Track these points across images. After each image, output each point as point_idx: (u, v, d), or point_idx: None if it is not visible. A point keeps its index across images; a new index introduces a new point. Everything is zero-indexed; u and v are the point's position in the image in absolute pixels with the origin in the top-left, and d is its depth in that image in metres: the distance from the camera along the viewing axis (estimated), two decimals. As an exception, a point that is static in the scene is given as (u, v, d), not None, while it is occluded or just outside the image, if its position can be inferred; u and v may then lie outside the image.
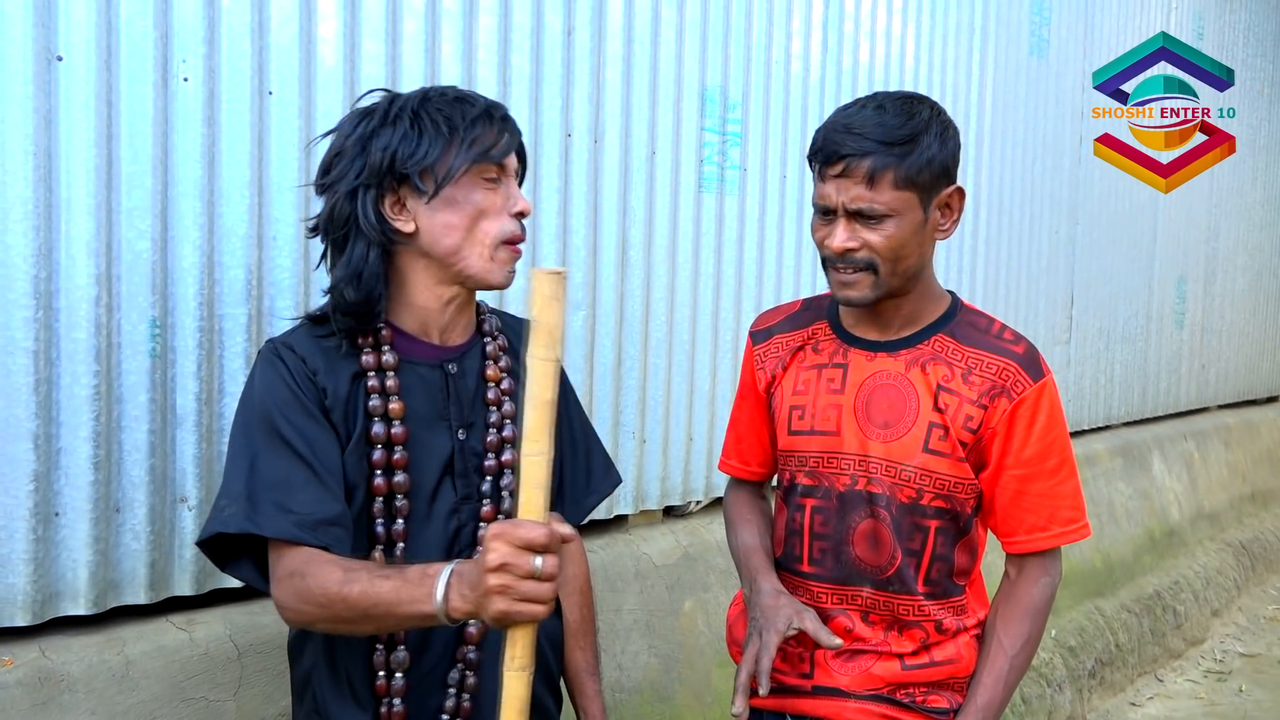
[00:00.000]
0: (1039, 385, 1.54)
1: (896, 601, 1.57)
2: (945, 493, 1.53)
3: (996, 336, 1.57)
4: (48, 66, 1.62)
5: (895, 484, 1.53)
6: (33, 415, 1.64)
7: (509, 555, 1.10)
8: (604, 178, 2.50)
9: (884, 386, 1.55)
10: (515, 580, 1.10)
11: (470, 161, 1.36)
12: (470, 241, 1.38)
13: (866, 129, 1.44)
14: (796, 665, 1.61)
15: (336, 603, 1.24)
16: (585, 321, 2.48)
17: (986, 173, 3.94)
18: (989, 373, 1.52)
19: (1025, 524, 1.55)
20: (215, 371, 1.84)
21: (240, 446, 1.34)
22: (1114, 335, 4.94)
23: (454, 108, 1.37)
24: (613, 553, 2.57)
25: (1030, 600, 1.56)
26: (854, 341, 1.60)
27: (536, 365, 1.11)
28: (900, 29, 3.44)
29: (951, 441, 1.52)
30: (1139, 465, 5.06)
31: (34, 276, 1.62)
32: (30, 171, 1.61)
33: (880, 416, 1.55)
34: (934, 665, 1.57)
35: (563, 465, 1.60)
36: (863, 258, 1.48)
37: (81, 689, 1.67)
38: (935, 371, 1.54)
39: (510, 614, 1.11)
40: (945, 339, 1.56)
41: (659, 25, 2.60)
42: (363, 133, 1.36)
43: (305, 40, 1.91)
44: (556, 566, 1.12)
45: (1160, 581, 4.76)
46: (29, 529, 1.65)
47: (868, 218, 1.46)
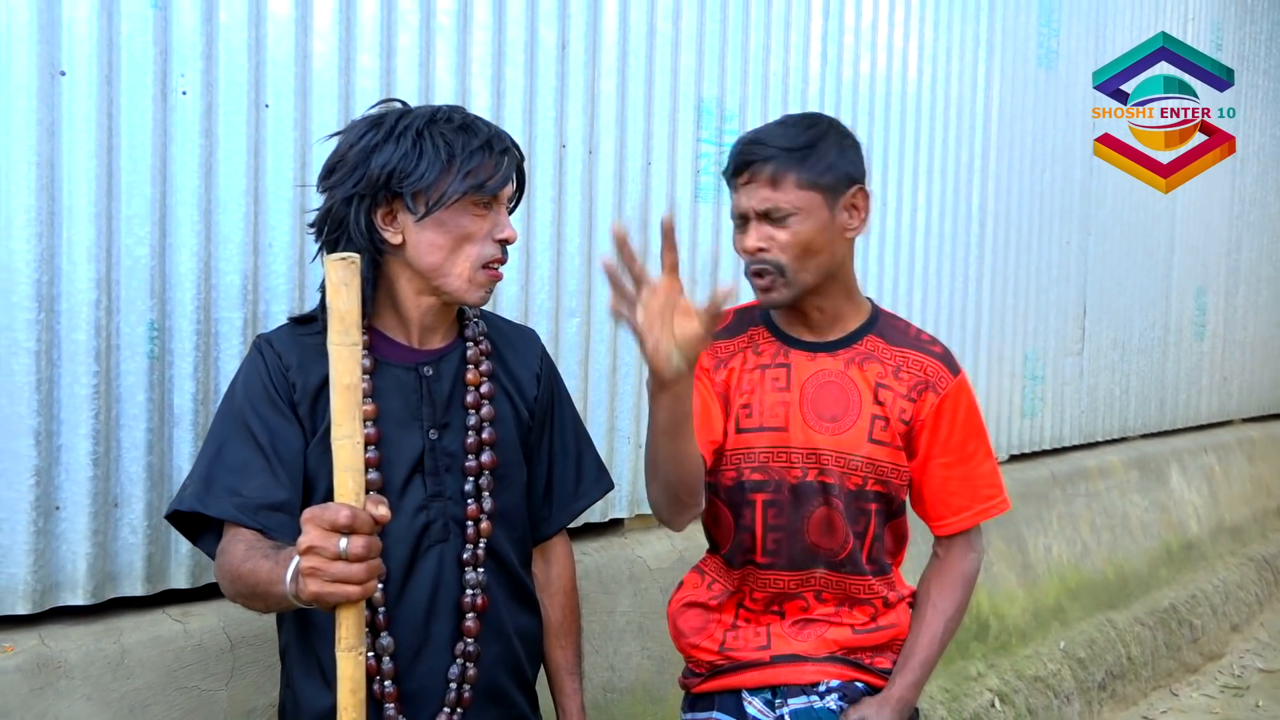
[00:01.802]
0: (958, 380, 1.70)
1: (849, 581, 1.69)
2: (884, 478, 1.67)
3: (915, 338, 1.73)
4: (51, 81, 1.71)
5: (844, 473, 1.65)
6: (34, 413, 1.72)
7: (316, 538, 1.11)
8: (599, 188, 2.56)
9: (828, 384, 1.66)
10: (324, 562, 1.11)
11: (463, 192, 1.41)
12: (452, 262, 1.44)
13: (769, 139, 1.58)
14: (753, 641, 1.70)
15: (235, 579, 1.31)
16: (580, 329, 2.54)
17: (994, 184, 3.95)
18: (915, 370, 1.68)
19: (951, 507, 1.71)
20: (211, 373, 1.91)
21: (214, 433, 1.43)
22: (1129, 346, 4.92)
23: (457, 135, 1.42)
24: (607, 555, 2.62)
25: (960, 572, 1.72)
26: (794, 343, 1.70)
27: (333, 350, 1.12)
28: (902, 41, 3.47)
29: (891, 431, 1.66)
30: (1156, 478, 5.02)
31: (36, 280, 1.70)
32: (34, 180, 1.69)
33: (828, 411, 1.65)
34: (879, 630, 1.72)
35: (552, 468, 1.65)
36: (772, 259, 1.59)
37: (79, 676, 1.74)
38: (870, 369, 1.67)
39: (323, 595, 1.12)
40: (875, 339, 1.70)
41: (654, 38, 2.66)
42: (367, 144, 1.42)
43: (301, 55, 1.99)
44: (365, 548, 1.11)
45: (1176, 595, 4.72)
46: (30, 522, 1.73)
47: (775, 219, 1.57)
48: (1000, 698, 3.53)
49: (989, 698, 3.50)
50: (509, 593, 1.56)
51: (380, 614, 1.44)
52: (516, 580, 1.57)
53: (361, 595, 1.13)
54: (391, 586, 1.45)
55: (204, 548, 1.45)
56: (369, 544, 1.12)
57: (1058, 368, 4.42)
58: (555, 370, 1.70)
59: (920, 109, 3.58)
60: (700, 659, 1.75)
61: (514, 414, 1.57)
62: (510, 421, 1.56)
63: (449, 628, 1.48)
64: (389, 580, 1.44)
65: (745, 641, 1.71)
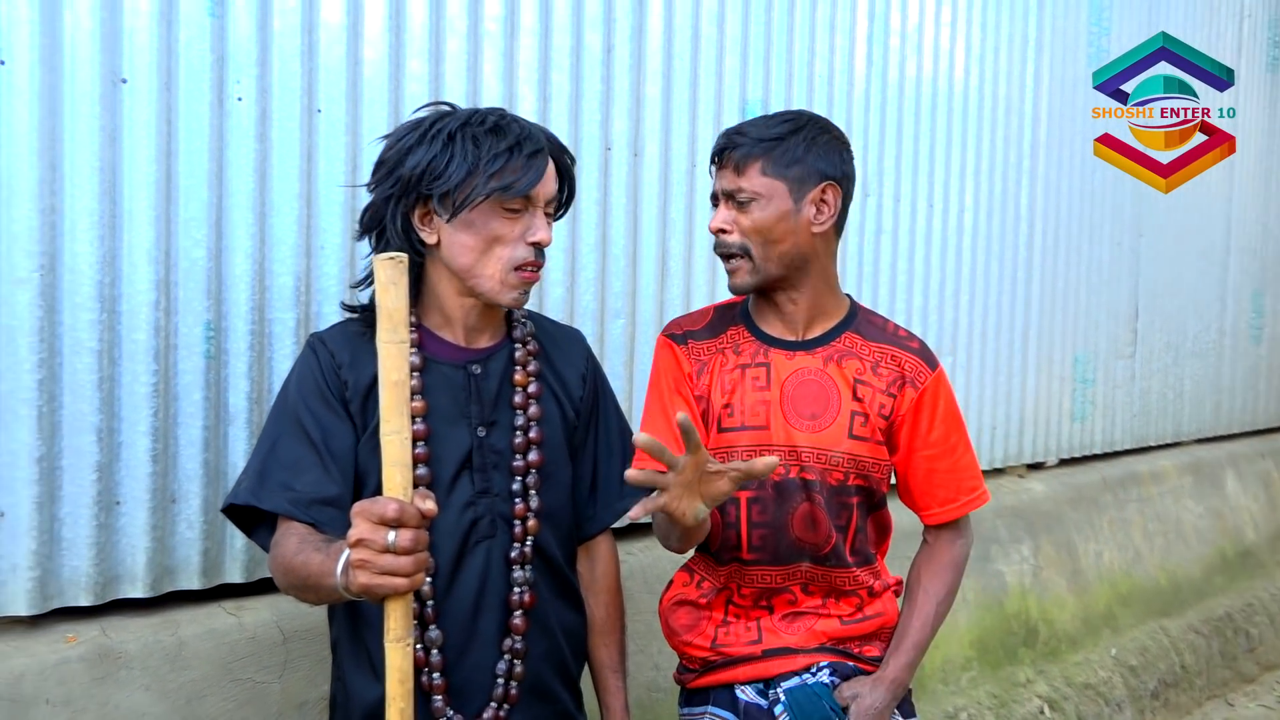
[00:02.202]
0: (936, 374, 1.74)
1: (834, 574, 1.73)
2: (864, 473, 1.71)
3: (893, 334, 1.76)
4: (113, 89, 1.76)
5: (825, 469, 1.68)
6: (97, 410, 1.77)
7: (365, 531, 1.14)
8: (643, 190, 2.58)
9: (807, 382, 1.70)
10: (373, 555, 1.14)
11: (486, 194, 1.43)
12: (483, 264, 1.46)
13: (747, 128, 1.65)
14: (744, 636, 1.73)
15: (288, 572, 1.35)
16: (625, 330, 2.56)
17: (1042, 184, 3.91)
18: (893, 365, 1.72)
19: (937, 498, 1.75)
20: (265, 372, 1.96)
21: (268, 429, 1.47)
22: (1183, 349, 4.83)
23: (486, 137, 1.44)
24: (652, 556, 2.63)
25: (949, 557, 1.77)
26: (772, 342, 1.73)
27: (382, 348, 1.15)
28: (949, 43, 3.45)
29: (871, 426, 1.70)
30: (1211, 483, 4.93)
31: (99, 282, 1.76)
32: (96, 185, 1.75)
33: (807, 409, 1.69)
34: (866, 619, 1.76)
35: (597, 467, 1.67)
36: (735, 241, 1.65)
37: (138, 666, 1.79)
38: (849, 366, 1.71)
39: (371, 587, 1.15)
40: (853, 336, 1.74)
41: (699, 41, 2.67)
42: (405, 145, 1.46)
43: (352, 61, 2.03)
44: (413, 541, 1.14)
45: (1232, 603, 4.62)
46: (92, 516, 1.78)
47: (739, 202, 1.63)
48: (1050, 704, 3.49)
49: (1038, 704, 3.45)
50: (555, 590, 1.58)
51: (429, 607, 1.46)
52: (562, 578, 1.59)
53: (409, 587, 1.16)
54: (440, 580, 1.47)
55: (258, 540, 1.49)
56: (416, 537, 1.15)
57: (1109, 371, 4.35)
58: (601, 371, 1.72)
59: (967, 110, 3.55)
60: (693, 655, 1.78)
61: (560, 414, 1.60)
62: (556, 421, 1.58)
63: (496, 623, 1.50)
64: (437, 574, 1.47)
65: (736, 637, 1.74)
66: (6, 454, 1.71)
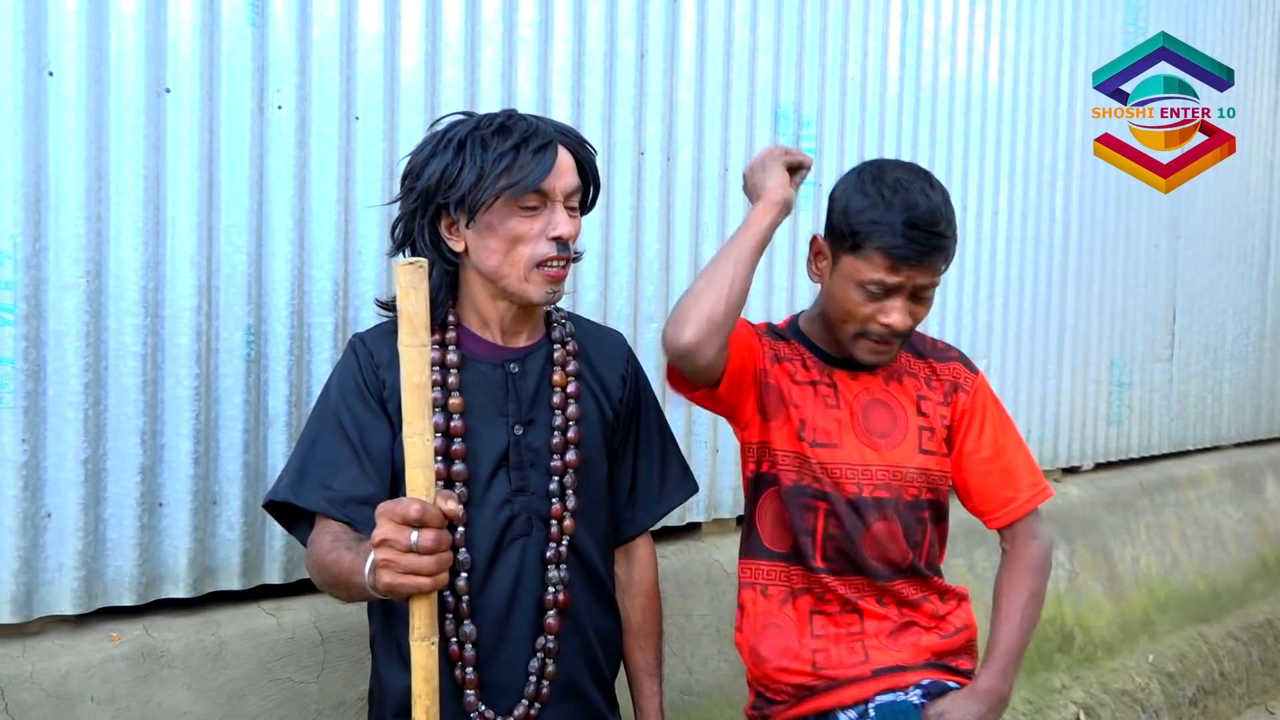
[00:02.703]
0: (978, 378, 1.79)
1: (908, 589, 1.72)
2: (935, 486, 1.74)
3: (933, 347, 1.82)
4: (157, 98, 1.80)
5: (901, 486, 1.69)
6: (140, 413, 1.81)
7: (389, 531, 1.17)
8: (676, 194, 2.58)
9: (875, 401, 1.72)
10: (397, 554, 1.16)
11: (496, 194, 1.44)
12: (507, 264, 1.47)
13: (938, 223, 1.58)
14: (849, 657, 1.70)
15: (322, 569, 1.38)
16: (658, 334, 2.56)
17: (1078, 186, 3.88)
18: (943, 376, 1.77)
19: (999, 499, 1.76)
20: (304, 376, 1.99)
21: (309, 427, 1.50)
22: (1222, 353, 4.77)
23: (493, 139, 1.45)
24: (685, 559, 2.64)
25: (1028, 560, 1.75)
26: (835, 363, 1.75)
27: (403, 351, 1.17)
28: (983, 44, 3.44)
29: (937, 440, 1.73)
30: (1251, 488, 4.86)
31: (143, 287, 1.79)
32: (141, 193, 1.78)
33: (878, 427, 1.71)
34: (958, 632, 1.76)
35: (636, 469, 1.68)
36: (907, 329, 1.65)
37: (179, 665, 1.82)
38: (909, 383, 1.75)
39: (396, 586, 1.18)
40: (904, 355, 1.77)
41: (732, 45, 2.68)
42: (421, 159, 1.49)
43: (389, 69, 2.06)
44: (436, 541, 1.16)
45: (1273, 609, 4.55)
46: (136, 517, 1.82)
47: (925, 297, 1.63)
48: (1085, 711, 3.45)
49: (1073, 711, 3.42)
50: (589, 591, 1.59)
51: (464, 603, 1.48)
52: (597, 579, 1.60)
53: (432, 586, 1.18)
54: (475, 577, 1.49)
55: (297, 536, 1.51)
56: (439, 537, 1.17)
57: (1146, 374, 4.31)
58: (642, 372, 1.72)
59: (1002, 111, 3.53)
60: (788, 683, 1.72)
61: (599, 414, 1.60)
62: (595, 421, 1.59)
63: (529, 622, 1.51)
64: (473, 570, 1.48)
65: (840, 659, 1.69)
66: (54, 456, 1.75)
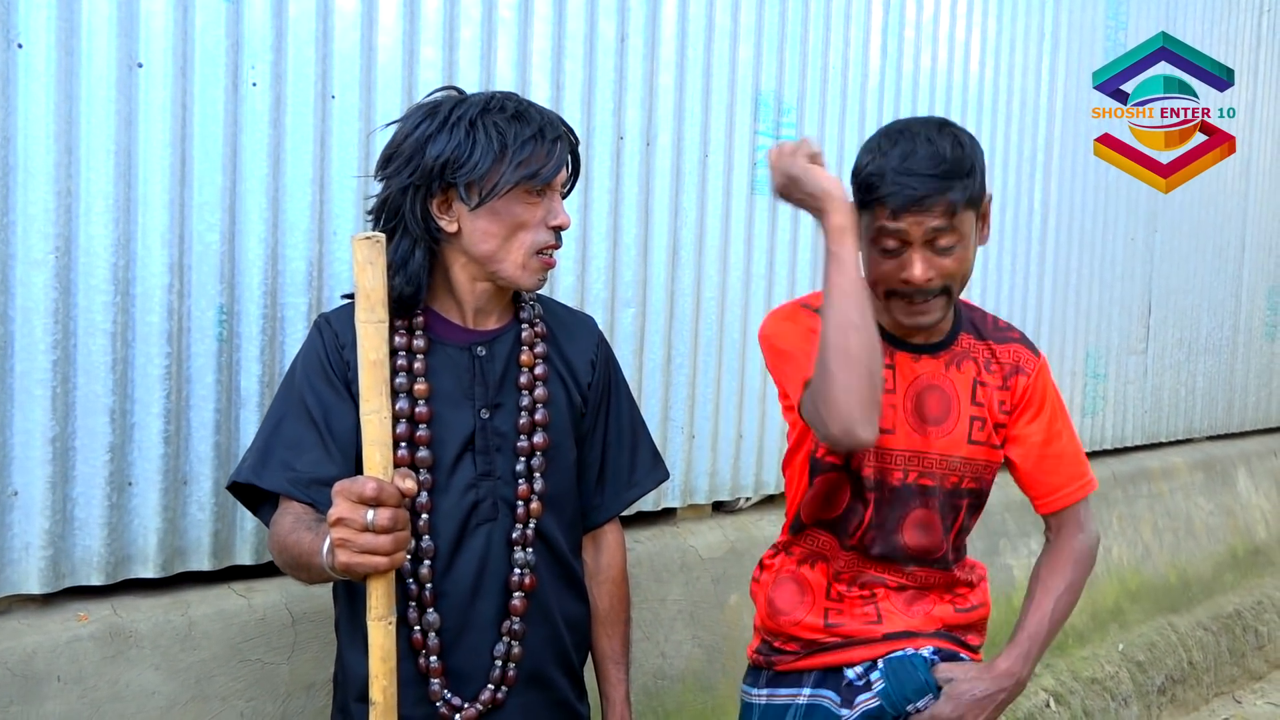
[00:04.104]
0: (1040, 361, 1.73)
1: (936, 575, 1.73)
2: (978, 475, 1.70)
3: (995, 327, 1.75)
4: (129, 73, 1.78)
5: (945, 474, 1.68)
6: (110, 391, 1.79)
7: (345, 510, 1.16)
8: (655, 180, 2.58)
9: (930, 387, 1.68)
10: (353, 533, 1.16)
11: (516, 181, 1.43)
12: (506, 249, 1.46)
13: (927, 170, 1.50)
14: (863, 618, 1.71)
15: (282, 550, 1.37)
16: (635, 319, 2.56)
17: (1056, 179, 3.90)
18: (1004, 358, 1.71)
19: (1050, 484, 1.72)
20: (277, 356, 1.97)
21: (274, 408, 1.49)
22: (1196, 346, 4.81)
23: (510, 125, 1.43)
24: (659, 544, 2.64)
25: (1070, 550, 1.72)
26: (898, 344, 1.67)
27: (360, 327, 1.16)
28: (965, 34, 3.44)
29: (988, 430, 1.68)
30: (1222, 481, 4.91)
31: (113, 264, 1.77)
32: (111, 169, 1.76)
33: (931, 414, 1.67)
34: (973, 609, 1.76)
35: (606, 455, 1.67)
36: (937, 286, 1.56)
37: (148, 645, 1.81)
38: (967, 368, 1.69)
39: (352, 565, 1.17)
40: (967, 336, 1.72)
41: (713, 31, 2.67)
42: (422, 134, 1.44)
43: (366, 47, 2.04)
44: (392, 519, 1.16)
45: (1242, 600, 4.61)
46: (105, 496, 1.80)
47: (945, 248, 1.53)
48: (1055, 698, 3.49)
49: (1044, 698, 3.46)
50: (556, 576, 1.58)
51: (427, 590, 1.47)
52: (564, 564, 1.59)
53: (389, 566, 1.18)
54: (439, 562, 1.48)
55: (262, 517, 1.50)
56: (395, 516, 1.17)
57: (1121, 366, 4.34)
58: (613, 357, 1.71)
59: (982, 103, 3.54)
60: (799, 636, 1.73)
61: (566, 398, 1.59)
62: (563, 405, 1.58)
63: (494, 607, 1.51)
64: (437, 556, 1.47)
65: (853, 618, 1.71)
66: (21, 434, 1.73)
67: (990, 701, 1.61)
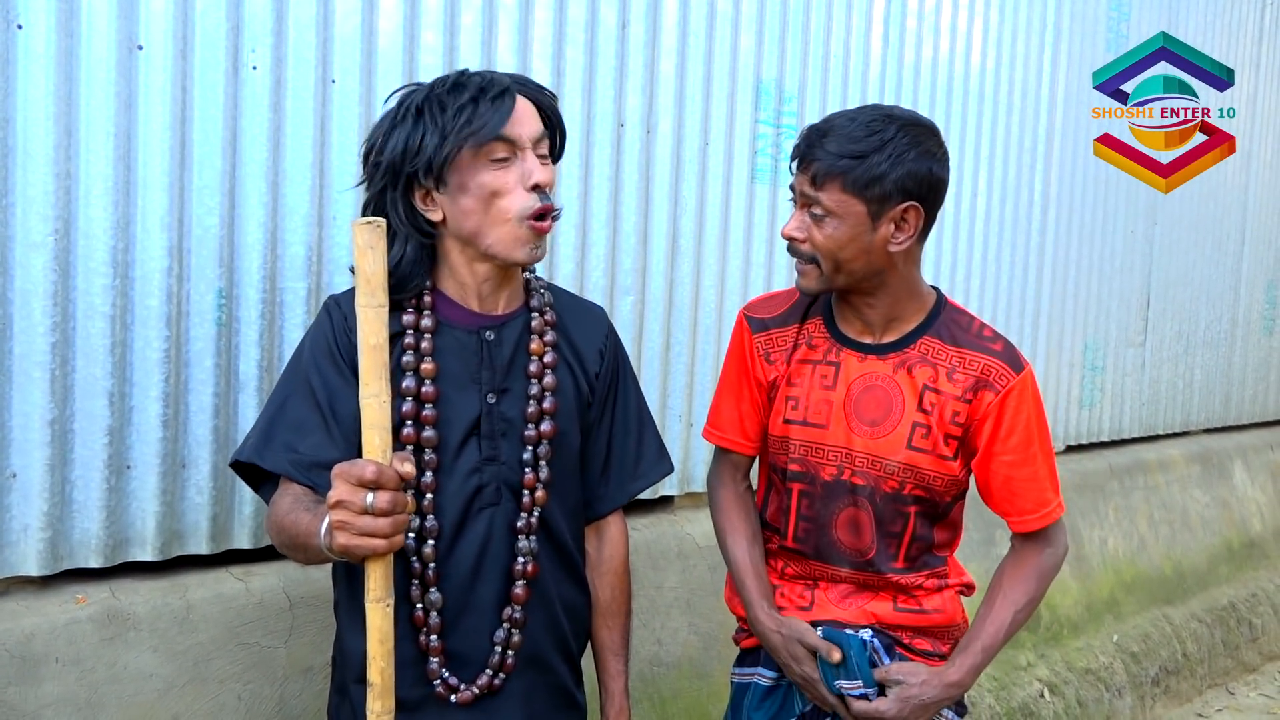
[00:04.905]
0: (1020, 378, 1.65)
1: (873, 580, 1.71)
2: (925, 484, 1.66)
3: (977, 335, 1.68)
4: (129, 55, 1.77)
5: (879, 476, 1.66)
6: (109, 375, 1.79)
7: (345, 492, 1.16)
8: (656, 168, 2.58)
9: (873, 388, 1.67)
10: (352, 516, 1.16)
11: (459, 146, 1.40)
12: (489, 222, 1.44)
13: (830, 136, 1.56)
14: (797, 600, 1.75)
15: (280, 530, 1.37)
16: (634, 307, 2.56)
17: (1056, 171, 3.89)
18: (972, 370, 1.64)
19: (1018, 507, 1.69)
20: (276, 341, 1.97)
21: (280, 387, 1.49)
22: (1194, 339, 4.82)
23: (449, 96, 1.42)
24: (656, 532, 2.65)
25: (1035, 566, 1.70)
26: (846, 342, 1.70)
27: (360, 312, 1.16)
28: (966, 25, 3.43)
29: (934, 439, 1.64)
30: (1219, 473, 4.92)
31: (112, 247, 1.77)
32: (111, 151, 1.76)
33: (869, 414, 1.66)
34: (923, 613, 1.71)
35: (611, 446, 1.66)
36: (805, 250, 1.61)
37: (146, 628, 1.81)
38: (921, 373, 1.65)
39: (350, 548, 1.17)
40: (930, 340, 1.67)
41: (715, 19, 2.66)
42: (383, 133, 1.45)
43: (367, 32, 2.03)
44: (391, 503, 1.16)
45: (1237, 593, 4.63)
46: (103, 479, 1.80)
47: (814, 215, 1.58)
48: (1050, 688, 3.50)
49: (1038, 688, 3.47)
50: (557, 564, 1.58)
51: (430, 569, 1.47)
52: (566, 553, 1.59)
53: (388, 548, 1.18)
54: (442, 544, 1.48)
55: (263, 495, 1.51)
56: (394, 499, 1.17)
57: (1119, 358, 4.35)
58: (622, 349, 1.70)
59: (984, 93, 3.54)
60: (740, 614, 1.79)
61: (574, 387, 1.59)
62: (570, 393, 1.58)
63: (494, 591, 1.51)
64: (440, 537, 1.48)
65: (790, 599, 1.75)
66: (19, 416, 1.73)
67: (935, 708, 1.64)
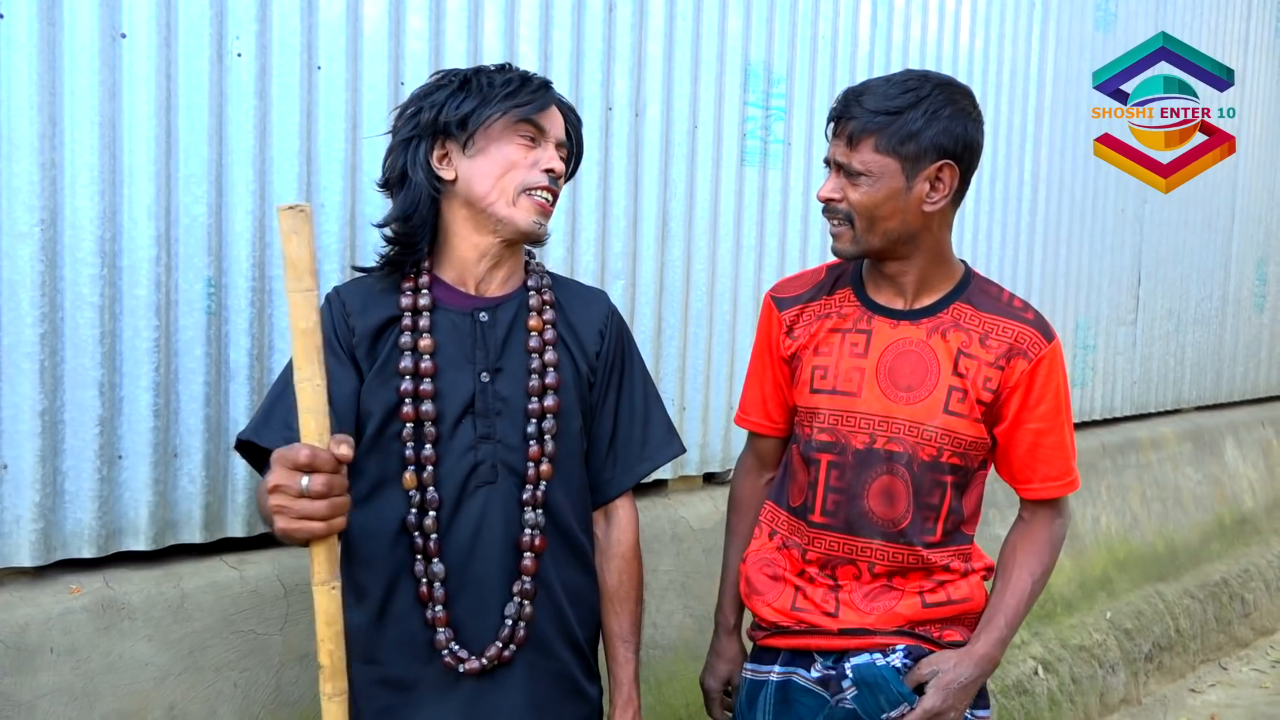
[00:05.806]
0: (1051, 347, 1.67)
1: (905, 553, 1.67)
2: (961, 450, 1.65)
3: (1008, 305, 1.69)
4: (112, 43, 1.76)
5: (918, 443, 1.64)
6: (99, 365, 1.78)
7: (281, 477, 1.16)
8: (645, 151, 2.57)
9: (907, 353, 1.66)
10: (289, 500, 1.16)
11: (501, 112, 1.51)
12: (497, 189, 1.53)
13: (866, 95, 1.57)
14: (821, 606, 1.70)
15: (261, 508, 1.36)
16: (625, 290, 2.56)
17: (1046, 149, 3.89)
18: (1005, 337, 1.65)
19: (1039, 474, 1.69)
20: (266, 329, 1.97)
21: (284, 372, 1.52)
22: (1185, 317, 4.83)
23: (496, 74, 1.56)
24: (650, 515, 2.65)
25: (1048, 536, 1.72)
26: (877, 309, 1.69)
27: (290, 297, 1.16)
28: (954, 4, 3.43)
29: (969, 403, 1.63)
30: (1210, 451, 4.95)
31: (99, 237, 1.76)
32: (96, 140, 1.75)
33: (904, 380, 1.65)
34: (951, 603, 1.69)
35: (617, 428, 1.67)
36: (842, 209, 1.62)
37: (140, 617, 1.82)
38: (955, 338, 1.65)
39: (289, 531, 1.18)
40: (963, 306, 1.67)
41: (701, 1, 2.65)
42: (422, 94, 1.56)
43: (352, 17, 2.02)
44: (326, 485, 1.16)
45: (1229, 569, 4.66)
46: (95, 469, 1.80)
47: (850, 174, 1.59)
48: (1044, 666, 3.53)
49: (1032, 665, 3.49)
50: (559, 547, 1.58)
51: (432, 540, 1.50)
52: (567, 536, 1.59)
53: (326, 531, 1.17)
54: (443, 515, 1.52)
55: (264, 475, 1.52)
56: (329, 481, 1.16)
57: (1110, 337, 4.36)
58: (626, 331, 1.71)
59: (972, 72, 3.53)
60: (765, 618, 1.75)
61: (574, 367, 1.60)
62: (569, 373, 1.59)
63: (496, 569, 1.52)
64: (441, 509, 1.52)
65: (814, 605, 1.70)
66: (9, 408, 1.72)
67: (975, 686, 1.63)
